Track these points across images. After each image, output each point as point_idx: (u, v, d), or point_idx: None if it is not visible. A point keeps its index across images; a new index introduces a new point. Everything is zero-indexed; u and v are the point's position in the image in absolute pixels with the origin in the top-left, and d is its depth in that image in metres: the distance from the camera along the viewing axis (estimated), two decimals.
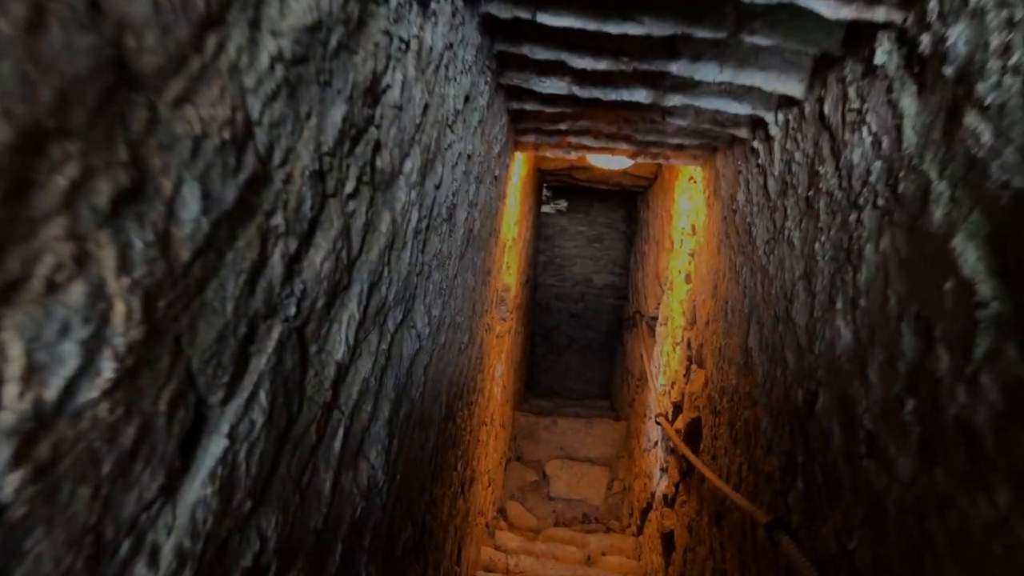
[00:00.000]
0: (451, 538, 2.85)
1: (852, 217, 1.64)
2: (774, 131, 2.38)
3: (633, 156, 3.73)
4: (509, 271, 5.17)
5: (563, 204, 11.20)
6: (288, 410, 0.84)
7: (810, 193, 1.97)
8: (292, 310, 0.83)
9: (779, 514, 1.96)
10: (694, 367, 3.73)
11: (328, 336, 0.98)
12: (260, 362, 0.76)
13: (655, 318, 6.19)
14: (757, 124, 2.59)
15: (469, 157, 1.98)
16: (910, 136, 1.37)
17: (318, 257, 0.89)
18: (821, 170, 1.89)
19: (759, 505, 2.21)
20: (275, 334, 0.78)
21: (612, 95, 2.44)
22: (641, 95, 2.41)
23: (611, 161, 4.86)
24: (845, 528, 1.53)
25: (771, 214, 2.39)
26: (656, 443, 4.81)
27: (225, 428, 0.68)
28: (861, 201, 1.59)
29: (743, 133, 2.74)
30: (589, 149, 3.69)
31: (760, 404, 2.32)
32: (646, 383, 5.96)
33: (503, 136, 2.82)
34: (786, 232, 2.19)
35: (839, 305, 1.67)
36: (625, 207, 10.56)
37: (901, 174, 1.39)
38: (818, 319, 1.81)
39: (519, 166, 4.77)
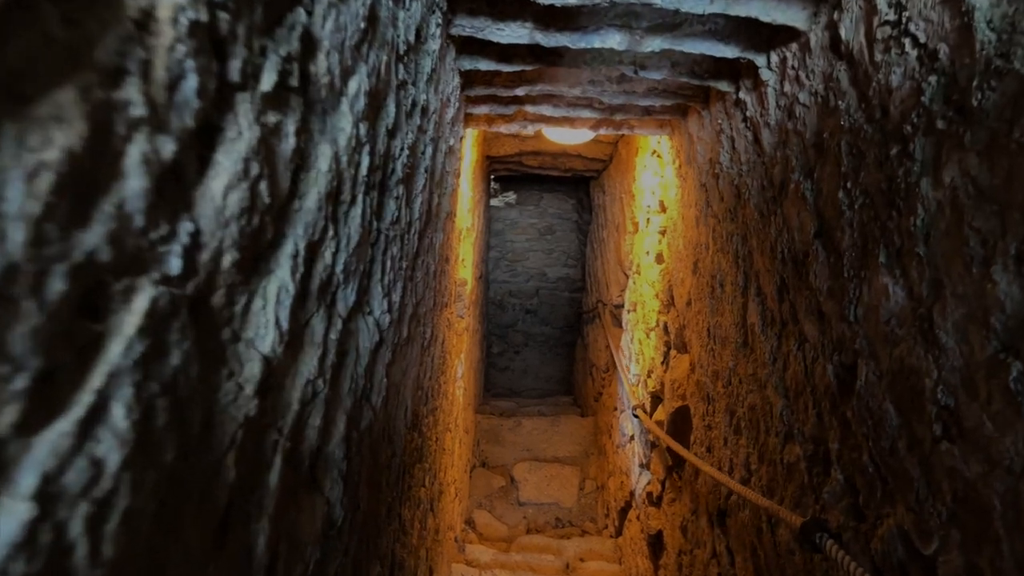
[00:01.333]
0: (423, 563, 2.51)
1: (894, 151, 1.37)
2: (766, 75, 2.12)
3: (596, 127, 3.46)
4: (465, 264, 4.85)
5: (512, 196, 10.94)
6: (179, 433, 0.51)
7: (825, 136, 1.71)
8: (175, 265, 0.50)
9: (814, 513, 1.70)
10: (674, 352, 3.48)
11: (248, 316, 0.65)
12: (113, 352, 0.43)
13: (620, 306, 5.95)
14: (743, 72, 2.33)
15: (424, 111, 1.66)
16: (986, 33, 1.11)
17: (218, 183, 0.56)
18: (841, 105, 1.63)
19: (780, 502, 1.94)
20: (141, 303, 0.45)
21: (581, 42, 2.14)
22: (614, 40, 2.12)
23: (570, 135, 4.59)
24: (917, 528, 1.26)
25: (767, 171, 2.13)
26: (632, 437, 4.55)
27: (27, 483, 0.35)
28: (907, 130, 1.32)
29: (724, 86, 2.48)
30: (548, 121, 3.40)
31: (770, 386, 2.06)
32: (614, 375, 5.72)
33: (456, 101, 2.50)
34: (790, 187, 1.93)
35: (882, 259, 1.41)
36: (576, 196, 10.35)
37: (975, 83, 1.13)
38: (850, 280, 1.55)
39: (470, 148, 4.45)
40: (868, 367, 1.46)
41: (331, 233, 0.85)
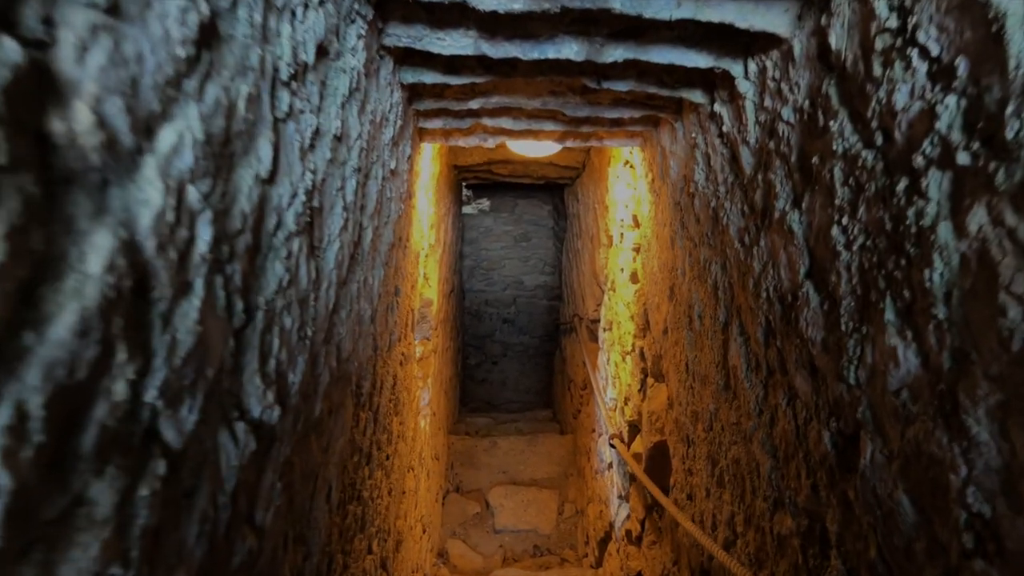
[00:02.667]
0: None
1: (901, 186, 1.14)
2: (744, 87, 1.88)
3: (561, 139, 3.21)
4: (428, 283, 4.59)
5: (485, 203, 10.70)
6: None
7: (814, 160, 1.47)
8: None
9: None
10: (651, 381, 3.24)
11: None
12: None
13: (596, 321, 5.71)
14: (719, 82, 2.09)
15: (338, 139, 1.39)
16: (1022, 47, 0.87)
17: None
18: (832, 126, 1.39)
19: None
20: None
21: (534, 52, 1.89)
22: (571, 50, 1.87)
23: (536, 148, 4.34)
24: None
25: (748, 195, 1.90)
26: (610, 465, 4.31)
27: None
28: (918, 161, 1.09)
29: (697, 97, 2.24)
30: (509, 134, 3.15)
31: (756, 441, 1.82)
32: (592, 392, 5.48)
33: (397, 118, 2.23)
34: (775, 216, 1.69)
35: (889, 316, 1.17)
36: (552, 201, 10.13)
37: (1009, 109, 0.89)
38: (848, 334, 1.31)
39: (430, 162, 4.19)
40: (874, 443, 1.22)
41: (121, 356, 0.59)
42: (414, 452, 3.59)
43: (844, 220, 1.34)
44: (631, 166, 3.95)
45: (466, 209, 10.52)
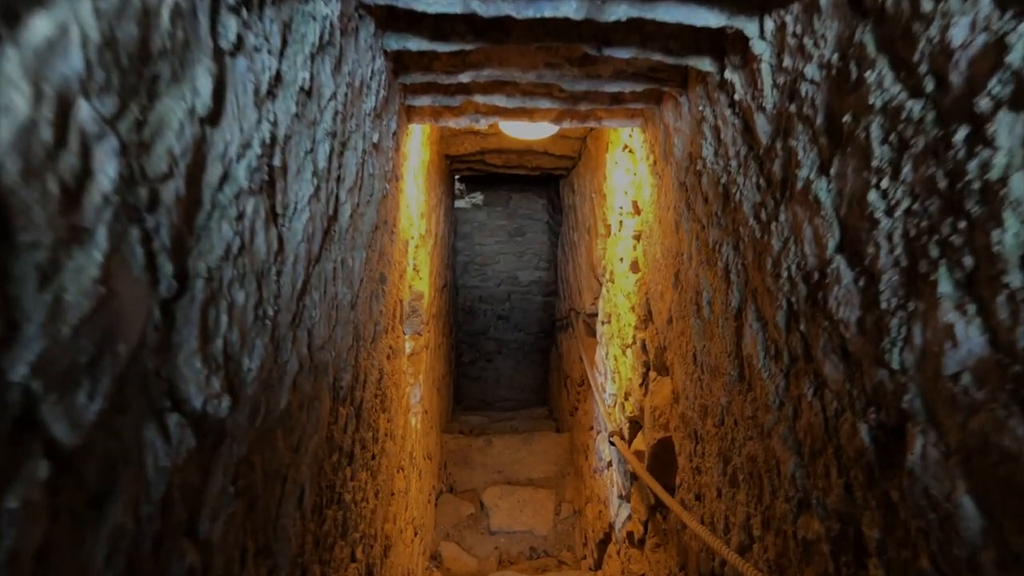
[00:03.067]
0: None
1: (959, 136, 0.98)
2: (759, 48, 1.72)
3: (558, 119, 3.05)
4: (419, 275, 4.42)
5: (479, 197, 10.55)
6: None
7: (845, 120, 1.31)
8: None
9: None
10: (654, 375, 3.08)
11: None
12: None
13: (593, 315, 5.55)
14: (730, 46, 1.93)
15: (306, 93, 1.23)
16: None
17: None
18: (868, 78, 1.23)
19: None
20: None
21: (528, 10, 1.73)
22: (570, 7, 1.71)
23: (531, 130, 4.18)
24: None
25: (763, 167, 1.74)
26: (609, 463, 4.16)
27: None
28: (982, 105, 0.93)
29: (706, 65, 2.08)
30: (502, 113, 2.98)
31: (777, 436, 1.66)
32: (589, 390, 5.33)
33: (381, 88, 2.07)
34: (796, 187, 1.53)
35: (944, 287, 1.01)
36: (547, 195, 9.97)
37: None
38: (891, 312, 1.15)
39: (420, 148, 4.03)
40: (926, 436, 1.06)
41: None
42: (404, 451, 3.43)
43: (883, 183, 1.18)
44: (630, 151, 3.79)
45: (459, 203, 10.36)
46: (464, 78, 2.41)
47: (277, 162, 1.07)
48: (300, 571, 1.37)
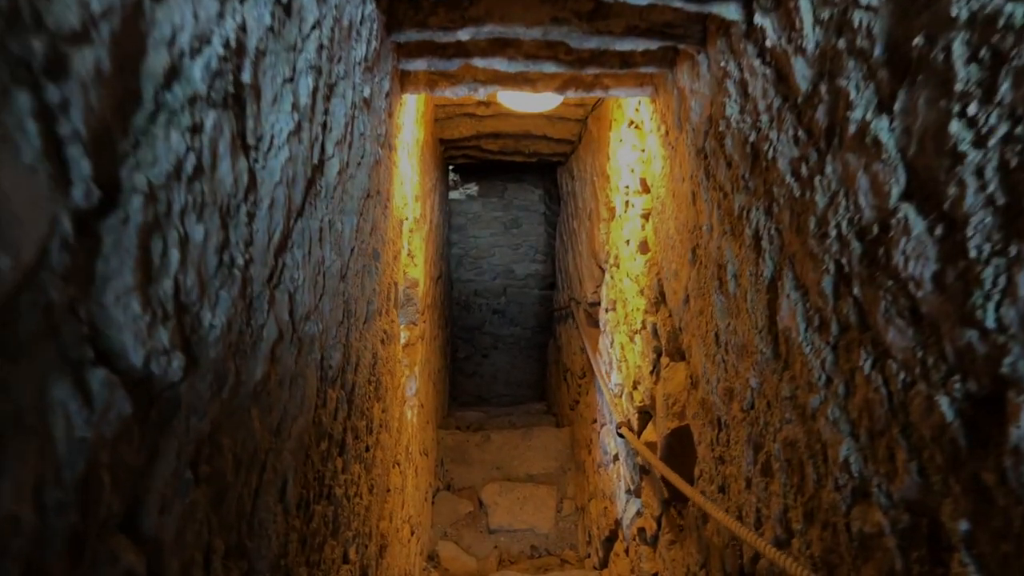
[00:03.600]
0: None
1: None
2: None
3: (562, 88, 2.86)
4: (414, 261, 4.23)
5: (473, 188, 10.37)
6: None
7: (916, 43, 1.13)
8: None
9: None
10: (666, 360, 2.90)
11: None
12: None
13: (596, 303, 5.37)
14: None
15: (285, 9, 1.04)
16: None
17: None
18: None
19: None
20: None
21: None
22: None
23: (532, 101, 4.00)
24: None
25: (803, 115, 1.56)
26: (616, 457, 3.98)
27: None
28: None
29: (731, 12, 1.90)
30: (503, 80, 2.80)
31: (823, 417, 1.48)
32: (591, 382, 5.15)
33: (372, 37, 1.88)
34: (848, 131, 1.35)
35: None
36: (543, 185, 9.80)
37: None
38: (982, 262, 0.97)
39: (414, 126, 3.84)
40: None
41: None
42: (400, 445, 3.24)
43: (971, 109, 1.00)
44: (636, 126, 3.61)
45: (453, 194, 10.17)
46: (463, 35, 2.22)
47: (247, 78, 0.88)
48: (283, 574, 1.18)
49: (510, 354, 10.27)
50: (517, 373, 10.07)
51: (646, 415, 3.31)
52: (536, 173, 9.87)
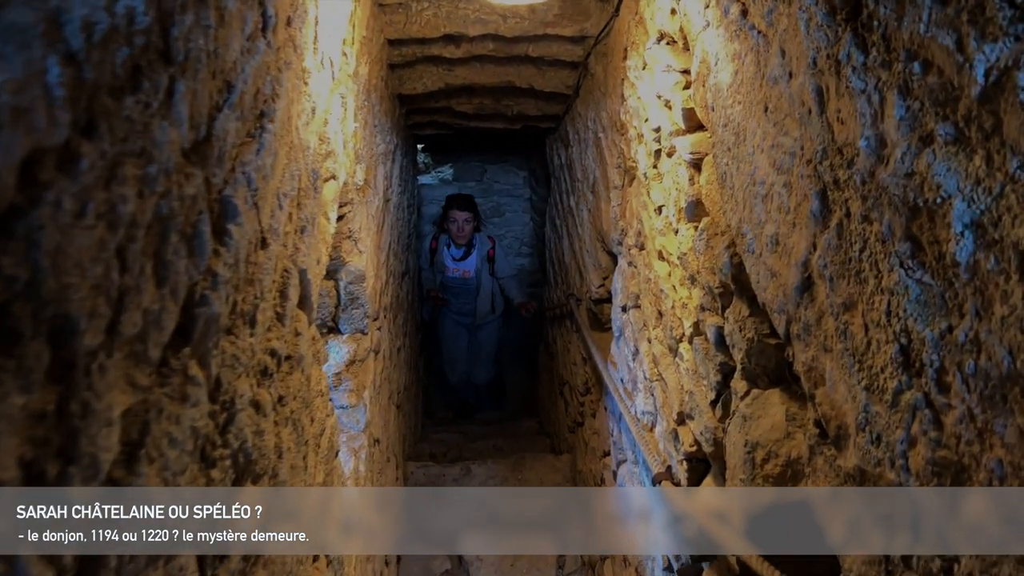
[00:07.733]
0: None
1: None
2: None
3: None
4: (358, 247, 3.17)
5: (448, 171, 9.31)
6: None
7: None
8: None
9: None
10: (744, 384, 1.88)
11: None
12: None
13: (603, 300, 4.35)
14: None
15: None
16: None
17: None
18: None
19: None
20: None
21: None
22: None
23: None
24: None
25: None
26: (646, 513, 2.94)
27: None
28: None
29: None
30: None
31: None
32: (599, 400, 4.13)
33: None
34: None
35: None
36: (528, 166, 8.78)
37: None
38: None
39: (353, 54, 2.80)
40: None
41: None
42: (325, 530, 2.19)
43: None
44: (670, 40, 2.59)
45: (424, 179, 9.12)
46: None
47: None
48: None
49: None
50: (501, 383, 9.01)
51: (702, 464, 2.29)
52: (520, 154, 8.85)
